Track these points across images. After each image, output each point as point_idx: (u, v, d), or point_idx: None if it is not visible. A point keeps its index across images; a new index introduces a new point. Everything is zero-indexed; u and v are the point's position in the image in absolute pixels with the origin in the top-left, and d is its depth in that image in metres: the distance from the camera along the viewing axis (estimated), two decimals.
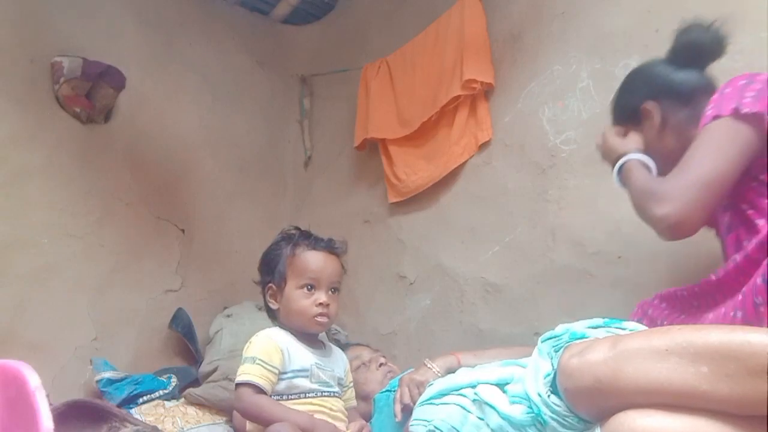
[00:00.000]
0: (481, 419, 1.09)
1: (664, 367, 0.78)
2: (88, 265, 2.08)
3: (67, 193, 2.06)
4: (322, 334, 1.53)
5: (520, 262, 1.89)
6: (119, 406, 1.77)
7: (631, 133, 1.26)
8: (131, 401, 1.88)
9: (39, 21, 2.07)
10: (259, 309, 2.21)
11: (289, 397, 1.26)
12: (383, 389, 1.57)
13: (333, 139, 2.76)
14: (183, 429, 1.79)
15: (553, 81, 1.87)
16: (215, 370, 2.00)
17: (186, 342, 2.23)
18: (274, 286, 1.36)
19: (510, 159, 1.97)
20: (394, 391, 1.43)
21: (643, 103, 1.25)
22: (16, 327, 1.87)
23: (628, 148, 1.23)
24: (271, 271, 1.37)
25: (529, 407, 0.97)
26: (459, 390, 1.19)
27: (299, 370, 1.28)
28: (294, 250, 1.35)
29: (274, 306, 1.37)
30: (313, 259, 1.34)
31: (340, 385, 1.38)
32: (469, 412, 1.12)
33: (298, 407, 1.25)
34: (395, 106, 2.35)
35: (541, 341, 1.05)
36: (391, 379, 1.61)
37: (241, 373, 1.24)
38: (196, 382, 2.09)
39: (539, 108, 1.89)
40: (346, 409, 1.37)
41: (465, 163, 2.10)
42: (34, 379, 0.89)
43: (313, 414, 1.24)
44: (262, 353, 1.25)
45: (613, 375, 0.81)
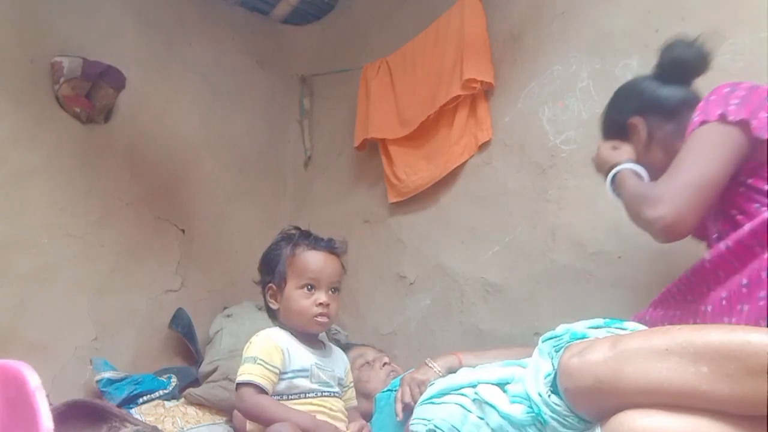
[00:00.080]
0: (482, 419, 1.09)
1: (664, 367, 0.78)
2: (88, 265, 2.08)
3: (67, 193, 2.06)
4: (322, 334, 1.53)
5: (520, 262, 1.89)
6: (119, 406, 1.77)
7: (624, 146, 1.30)
8: (131, 401, 1.88)
9: (39, 21, 2.07)
10: (259, 309, 2.21)
11: (289, 397, 1.26)
12: (385, 388, 1.57)
13: (333, 139, 2.76)
14: (183, 429, 1.79)
15: (553, 81, 1.87)
16: (215, 370, 2.00)
17: (186, 342, 2.23)
18: (274, 286, 1.36)
19: (510, 159, 1.97)
20: (396, 391, 1.43)
21: (629, 119, 1.29)
22: (16, 327, 1.87)
23: (620, 158, 1.27)
24: (271, 271, 1.37)
25: (530, 407, 0.97)
26: (459, 389, 1.19)
27: (299, 370, 1.28)
28: (294, 250, 1.35)
29: (274, 306, 1.37)
30: (313, 259, 1.34)
31: (340, 385, 1.38)
32: (469, 411, 1.12)
33: (298, 407, 1.25)
34: (395, 106, 2.35)
35: (542, 341, 1.05)
36: (393, 379, 1.61)
37: (242, 372, 1.24)
38: (196, 382, 2.09)
39: (539, 108, 1.89)
40: (346, 409, 1.37)
41: (465, 163, 2.10)
42: (34, 379, 0.89)
43: (313, 414, 1.24)
44: (262, 353, 1.25)
45: (613, 375, 0.82)
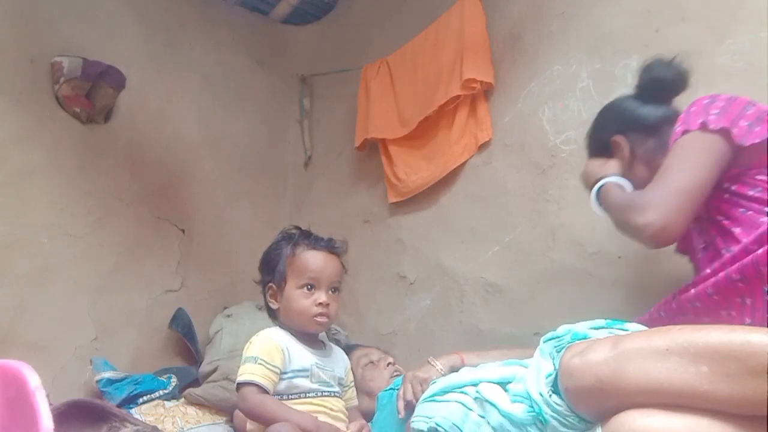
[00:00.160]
0: (482, 417, 1.09)
1: (665, 366, 0.78)
2: (88, 265, 2.08)
3: (67, 193, 2.06)
4: (322, 334, 1.53)
5: (520, 262, 1.89)
6: (119, 406, 1.77)
7: (609, 161, 1.34)
8: (131, 401, 1.88)
9: (39, 21, 2.07)
10: (259, 309, 2.21)
11: (289, 396, 1.26)
12: (387, 387, 1.57)
13: (333, 139, 2.76)
14: (183, 429, 1.79)
15: (553, 81, 1.87)
16: (215, 370, 2.00)
17: (186, 342, 2.23)
18: (274, 286, 1.36)
19: (510, 159, 1.97)
20: (398, 389, 1.44)
21: (612, 137, 1.33)
22: (16, 327, 1.87)
23: (605, 172, 1.30)
24: (271, 270, 1.37)
25: (531, 406, 0.97)
26: (461, 388, 1.19)
27: (299, 370, 1.28)
28: (294, 249, 1.35)
29: (275, 306, 1.37)
30: (313, 259, 1.34)
31: (340, 384, 1.38)
32: (470, 409, 1.12)
33: (298, 407, 1.25)
34: (395, 106, 2.35)
35: (543, 341, 1.05)
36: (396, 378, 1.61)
37: (243, 372, 1.24)
38: (196, 382, 2.09)
39: (539, 108, 1.89)
40: (346, 408, 1.37)
41: (465, 163, 2.10)
42: (34, 379, 0.89)
43: (313, 414, 1.24)
44: (263, 353, 1.25)
45: (614, 375, 0.82)
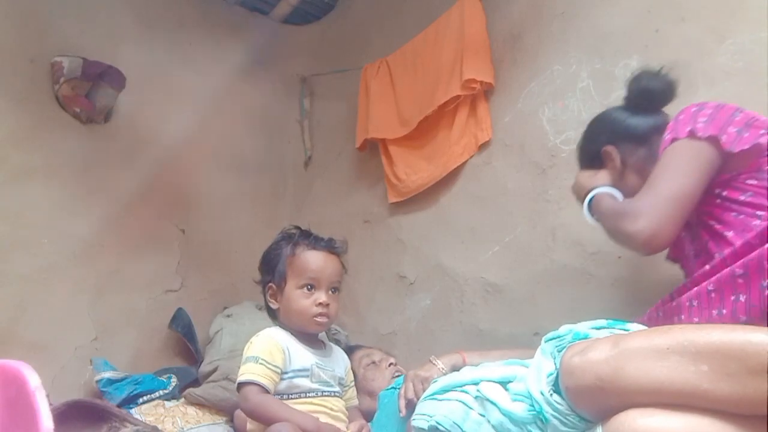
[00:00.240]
0: (483, 416, 1.09)
1: (665, 365, 0.78)
2: (88, 265, 2.08)
3: (67, 193, 2.06)
4: (322, 334, 1.53)
5: (520, 262, 1.89)
6: (119, 406, 1.77)
7: (600, 172, 1.35)
8: (131, 401, 1.88)
9: (39, 21, 2.07)
10: (259, 309, 2.21)
11: (289, 396, 1.27)
12: (389, 387, 1.57)
13: (333, 139, 2.76)
14: (183, 429, 1.79)
15: (553, 81, 1.86)
16: (215, 370, 2.00)
17: (186, 342, 2.22)
18: (274, 286, 1.36)
19: (510, 159, 1.97)
20: (399, 388, 1.44)
21: (603, 147, 1.34)
22: (16, 327, 1.87)
23: (597, 183, 1.32)
24: (271, 270, 1.37)
25: (531, 405, 0.97)
26: (462, 387, 1.19)
27: (300, 370, 1.28)
28: (294, 249, 1.35)
29: (275, 306, 1.37)
30: (313, 259, 1.34)
31: (340, 384, 1.38)
32: (470, 408, 1.12)
33: (298, 407, 1.25)
34: (395, 106, 2.34)
35: (545, 341, 1.05)
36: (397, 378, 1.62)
37: (244, 372, 1.24)
38: (196, 382, 2.09)
39: (539, 108, 1.89)
40: (347, 408, 1.37)
41: (465, 163, 2.10)
42: (34, 379, 0.89)
43: (313, 414, 1.25)
44: (264, 353, 1.25)
45: (615, 374, 0.82)
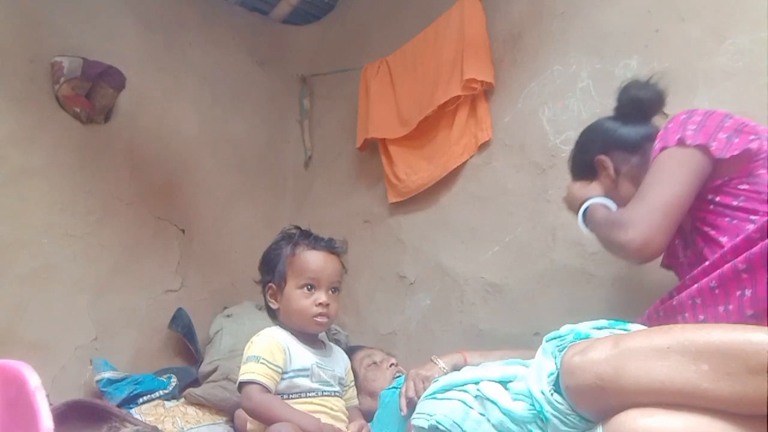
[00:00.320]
0: (483, 415, 1.09)
1: (666, 365, 0.78)
2: (88, 265, 2.08)
3: (67, 193, 2.06)
4: (322, 334, 1.53)
5: (520, 262, 1.89)
6: (119, 406, 1.77)
7: (592, 183, 1.38)
8: (131, 401, 1.88)
9: (39, 21, 2.07)
10: (259, 309, 2.21)
11: (290, 396, 1.26)
12: (390, 386, 1.58)
13: (333, 139, 2.76)
14: (183, 429, 1.79)
15: (553, 81, 1.87)
16: (215, 370, 2.00)
17: (186, 342, 2.22)
18: (274, 286, 1.36)
19: (510, 159, 1.97)
20: (400, 387, 1.44)
21: (596, 157, 1.36)
22: (16, 327, 1.87)
23: (590, 194, 1.34)
24: (271, 270, 1.37)
25: (532, 404, 0.97)
26: (462, 386, 1.19)
27: (300, 370, 1.28)
28: (294, 249, 1.35)
29: (274, 306, 1.37)
30: (313, 259, 1.34)
31: (341, 384, 1.38)
32: (470, 407, 1.12)
33: (299, 407, 1.25)
34: (395, 106, 2.35)
35: (546, 340, 1.05)
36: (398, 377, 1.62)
37: (246, 371, 1.24)
38: (196, 382, 2.09)
39: (539, 108, 1.89)
40: (347, 408, 1.37)
41: (465, 163, 2.10)
42: (34, 379, 0.89)
43: (313, 413, 1.25)
44: (265, 352, 1.25)
45: (615, 373, 0.82)
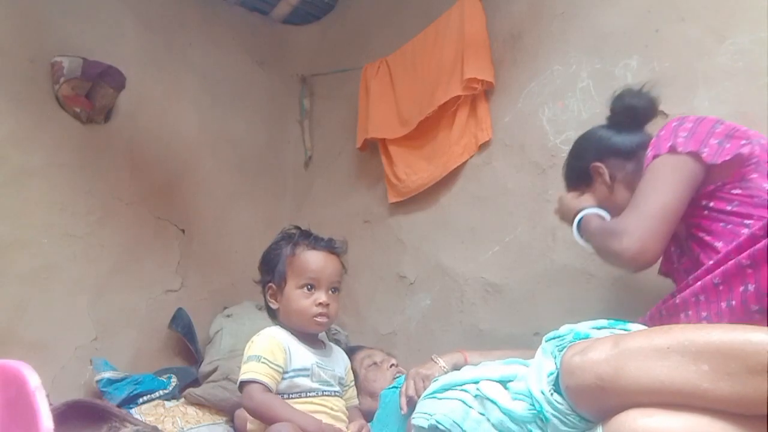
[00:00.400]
0: (482, 415, 1.09)
1: (666, 365, 0.78)
2: (88, 265, 2.08)
3: (67, 193, 2.06)
4: (322, 334, 1.53)
5: (520, 262, 1.89)
6: (119, 406, 1.77)
7: (585, 195, 1.38)
8: (131, 401, 1.88)
9: (39, 21, 2.07)
10: (259, 309, 2.21)
11: (290, 396, 1.26)
12: (390, 386, 1.58)
13: (333, 139, 2.76)
14: (183, 429, 1.79)
15: (553, 81, 1.87)
16: (215, 370, 2.00)
17: (186, 342, 2.22)
18: (274, 286, 1.36)
19: (510, 159, 1.97)
20: (400, 387, 1.44)
21: (591, 164, 1.37)
22: (16, 327, 1.87)
23: (583, 204, 1.35)
24: (271, 270, 1.37)
25: (531, 404, 0.97)
26: (462, 385, 1.19)
27: (300, 369, 1.28)
28: (294, 249, 1.35)
29: (274, 306, 1.37)
30: (313, 259, 1.34)
31: (341, 384, 1.38)
32: (470, 407, 1.12)
33: (299, 406, 1.25)
34: (395, 106, 2.35)
35: (546, 340, 1.05)
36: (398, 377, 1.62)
37: (247, 371, 1.24)
38: (196, 382, 2.09)
39: (539, 108, 1.89)
40: (347, 408, 1.37)
41: (465, 163, 2.10)
42: (34, 379, 0.89)
43: (314, 413, 1.25)
44: (266, 352, 1.25)
45: (615, 373, 0.81)
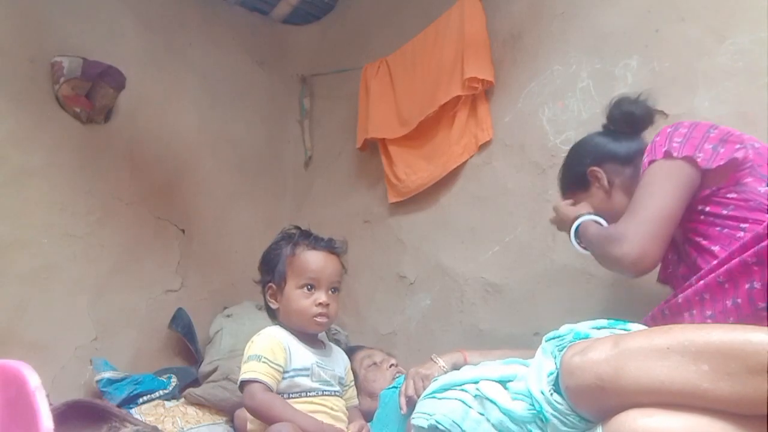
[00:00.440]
0: (482, 415, 1.09)
1: (666, 365, 0.78)
2: (88, 265, 2.08)
3: (67, 193, 2.06)
4: (322, 334, 1.53)
5: (520, 262, 1.89)
6: (119, 406, 1.77)
7: (581, 201, 1.39)
8: (131, 401, 1.88)
9: (39, 21, 2.07)
10: (259, 309, 2.21)
11: (290, 395, 1.27)
12: (390, 386, 1.58)
13: (333, 139, 2.76)
14: (183, 429, 1.79)
15: (553, 81, 1.87)
16: (215, 370, 2.00)
17: (186, 342, 2.22)
18: (274, 286, 1.36)
19: (510, 159, 1.97)
20: (399, 387, 1.44)
21: (589, 169, 1.37)
22: (16, 327, 1.87)
23: (580, 211, 1.35)
24: (271, 270, 1.37)
25: (531, 404, 0.97)
26: (461, 385, 1.19)
27: (300, 369, 1.29)
28: (294, 249, 1.35)
29: (274, 305, 1.37)
30: (313, 259, 1.34)
31: (341, 384, 1.38)
32: (470, 407, 1.12)
33: (299, 406, 1.25)
34: (395, 106, 2.34)
35: (546, 340, 1.05)
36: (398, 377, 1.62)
37: (247, 370, 1.24)
38: (196, 382, 2.09)
39: (539, 108, 1.89)
40: (347, 408, 1.37)
41: (465, 163, 2.10)
42: (34, 379, 0.89)
43: (314, 413, 1.25)
44: (266, 351, 1.25)
45: (615, 373, 0.81)
